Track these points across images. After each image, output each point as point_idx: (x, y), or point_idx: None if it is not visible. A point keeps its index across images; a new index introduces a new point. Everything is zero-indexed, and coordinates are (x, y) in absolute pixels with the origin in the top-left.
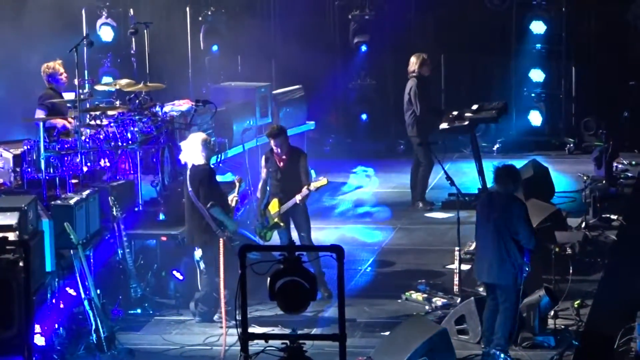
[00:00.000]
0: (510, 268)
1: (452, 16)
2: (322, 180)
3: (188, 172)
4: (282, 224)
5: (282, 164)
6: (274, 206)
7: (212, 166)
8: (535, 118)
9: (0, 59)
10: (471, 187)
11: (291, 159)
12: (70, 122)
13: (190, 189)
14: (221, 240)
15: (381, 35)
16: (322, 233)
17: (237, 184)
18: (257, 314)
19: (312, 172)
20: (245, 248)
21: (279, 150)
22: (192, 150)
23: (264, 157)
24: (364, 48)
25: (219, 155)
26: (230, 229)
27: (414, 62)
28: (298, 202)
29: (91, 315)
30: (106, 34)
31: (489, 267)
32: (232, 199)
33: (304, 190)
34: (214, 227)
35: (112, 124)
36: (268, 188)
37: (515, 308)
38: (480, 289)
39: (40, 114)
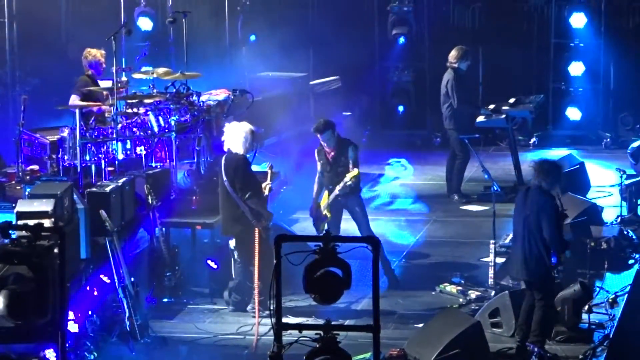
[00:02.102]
0: (542, 266)
1: (490, 9)
2: (353, 171)
3: (223, 161)
4: (329, 215)
5: (330, 156)
6: (324, 198)
7: (247, 156)
8: (572, 112)
9: (39, 48)
10: (507, 181)
11: (339, 151)
12: (106, 106)
13: (225, 178)
14: (256, 230)
15: (420, 28)
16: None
17: (269, 171)
18: (290, 304)
19: None
20: (280, 238)
21: (325, 144)
22: (234, 137)
23: (316, 151)
24: (402, 40)
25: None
26: (267, 219)
27: (454, 55)
28: (337, 192)
29: (125, 303)
30: (144, 23)
31: (521, 264)
32: (265, 186)
33: (340, 184)
34: (250, 217)
35: (149, 112)
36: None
37: (551, 304)
38: (515, 282)
39: (75, 99)
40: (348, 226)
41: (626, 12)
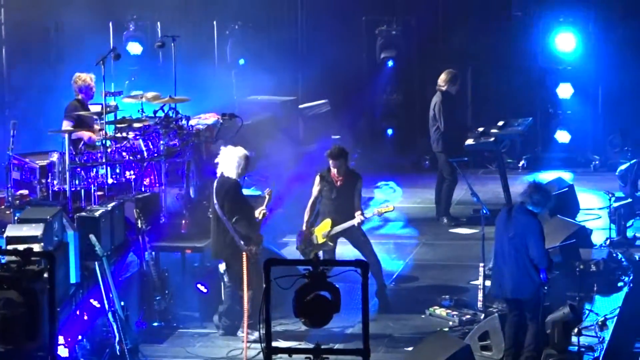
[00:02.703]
0: (531, 283)
1: (479, 33)
2: (389, 207)
3: (215, 185)
4: (331, 243)
5: (338, 183)
6: (325, 226)
7: (239, 180)
8: (561, 135)
9: (28, 71)
10: (496, 203)
11: (348, 180)
12: (96, 135)
13: (215, 202)
14: (244, 254)
15: (408, 51)
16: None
17: (267, 197)
18: (280, 328)
19: None
20: (270, 262)
21: (336, 171)
22: (227, 162)
23: (318, 176)
24: (390, 63)
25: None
26: (256, 242)
27: (443, 78)
28: (356, 225)
29: (115, 327)
30: (133, 47)
31: (510, 283)
32: (260, 211)
33: (362, 214)
34: (238, 240)
35: (138, 137)
36: (317, 207)
37: (541, 321)
38: (503, 306)
39: (66, 125)
40: (342, 250)
41: (615, 34)
